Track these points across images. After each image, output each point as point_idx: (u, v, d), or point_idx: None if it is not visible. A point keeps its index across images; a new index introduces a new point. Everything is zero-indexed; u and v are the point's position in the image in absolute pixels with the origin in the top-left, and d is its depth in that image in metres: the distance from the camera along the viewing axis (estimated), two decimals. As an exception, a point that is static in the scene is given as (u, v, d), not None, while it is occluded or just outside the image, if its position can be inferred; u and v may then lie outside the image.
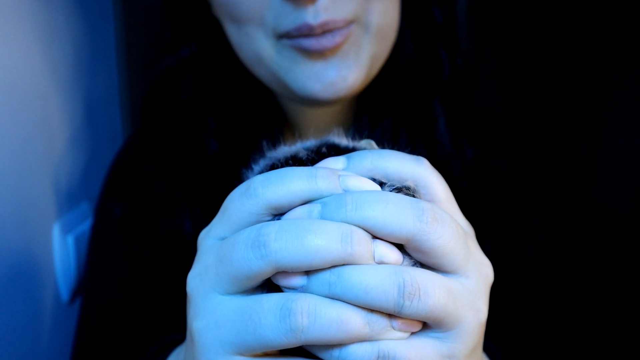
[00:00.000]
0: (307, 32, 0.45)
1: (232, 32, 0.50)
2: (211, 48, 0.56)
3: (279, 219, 0.27)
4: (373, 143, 0.33)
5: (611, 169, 1.47)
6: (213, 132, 0.56)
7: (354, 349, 0.24)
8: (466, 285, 0.26)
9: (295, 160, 0.31)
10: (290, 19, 0.45)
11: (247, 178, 0.32)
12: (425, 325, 0.26)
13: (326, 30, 0.45)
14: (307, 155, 0.31)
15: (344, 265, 0.24)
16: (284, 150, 0.32)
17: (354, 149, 0.32)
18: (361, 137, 0.34)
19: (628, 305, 1.25)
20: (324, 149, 0.32)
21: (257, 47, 0.48)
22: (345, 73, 0.47)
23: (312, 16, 0.44)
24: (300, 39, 0.46)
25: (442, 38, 0.55)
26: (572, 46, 1.47)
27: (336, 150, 0.32)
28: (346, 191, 0.26)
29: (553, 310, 0.55)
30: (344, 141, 0.33)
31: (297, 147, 0.32)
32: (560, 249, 0.57)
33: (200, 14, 0.55)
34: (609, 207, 1.42)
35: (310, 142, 0.33)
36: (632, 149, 1.42)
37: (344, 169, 0.28)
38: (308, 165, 0.30)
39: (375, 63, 0.50)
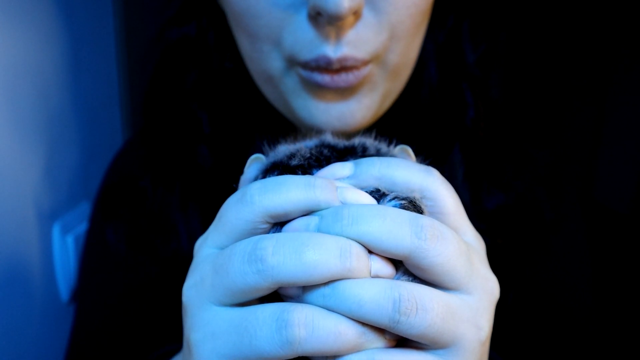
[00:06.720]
0: (324, 65, 0.41)
1: (245, 45, 0.46)
2: (217, 40, 0.54)
3: (276, 227, 0.27)
4: (409, 150, 0.32)
5: (611, 169, 1.46)
6: (206, 135, 0.54)
7: (350, 359, 0.24)
8: (468, 301, 0.26)
9: (292, 157, 0.30)
10: (309, 48, 0.41)
11: (246, 174, 0.32)
12: None
13: (343, 67, 0.42)
14: (310, 154, 0.31)
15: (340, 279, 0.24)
16: (284, 149, 0.31)
17: (353, 149, 0.32)
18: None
19: (627, 306, 1.25)
20: (325, 150, 0.31)
21: (269, 66, 0.45)
22: (354, 108, 0.45)
23: (333, 49, 0.41)
24: (314, 74, 0.43)
25: (470, 79, 0.51)
26: (572, 46, 1.47)
27: (336, 151, 0.31)
28: (344, 203, 0.26)
29: (581, 331, 0.54)
30: (341, 142, 0.32)
31: (297, 146, 0.32)
32: (590, 270, 0.54)
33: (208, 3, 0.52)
34: (609, 208, 1.42)
35: (310, 142, 0.32)
36: (632, 150, 1.42)
37: (351, 176, 0.28)
38: (310, 163, 0.30)
39: (387, 99, 0.47)
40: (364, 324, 0.24)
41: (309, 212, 0.26)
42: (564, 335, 0.53)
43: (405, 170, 0.27)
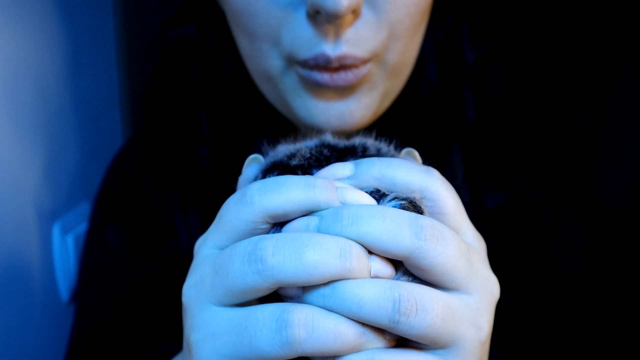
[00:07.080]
0: (323, 64, 0.41)
1: (244, 45, 0.46)
2: (216, 40, 0.54)
3: (276, 228, 0.27)
4: (416, 153, 0.32)
5: (611, 169, 1.46)
6: (206, 135, 0.54)
7: (350, 359, 0.24)
8: (467, 301, 0.26)
9: (292, 157, 0.30)
10: (308, 47, 0.41)
11: (245, 174, 0.32)
12: None
13: (342, 65, 0.42)
14: (310, 154, 0.31)
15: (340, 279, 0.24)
16: (284, 149, 0.31)
17: (353, 149, 0.32)
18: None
19: (627, 306, 1.25)
20: (325, 150, 0.31)
21: (268, 65, 0.45)
22: (354, 107, 0.45)
23: (332, 47, 0.41)
24: (314, 73, 0.42)
25: (470, 78, 0.50)
26: (572, 46, 1.47)
27: (336, 151, 0.31)
28: (344, 204, 0.26)
29: (581, 331, 0.54)
30: (341, 142, 0.32)
31: (297, 146, 0.32)
32: (589, 270, 0.54)
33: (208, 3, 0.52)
34: (609, 208, 1.42)
35: (310, 142, 0.32)
36: (632, 150, 1.42)
37: (351, 176, 0.28)
38: (310, 163, 0.30)
39: (387, 98, 0.47)
40: (364, 324, 0.24)
41: (309, 213, 0.26)
42: (563, 335, 0.53)
43: (405, 170, 0.27)
